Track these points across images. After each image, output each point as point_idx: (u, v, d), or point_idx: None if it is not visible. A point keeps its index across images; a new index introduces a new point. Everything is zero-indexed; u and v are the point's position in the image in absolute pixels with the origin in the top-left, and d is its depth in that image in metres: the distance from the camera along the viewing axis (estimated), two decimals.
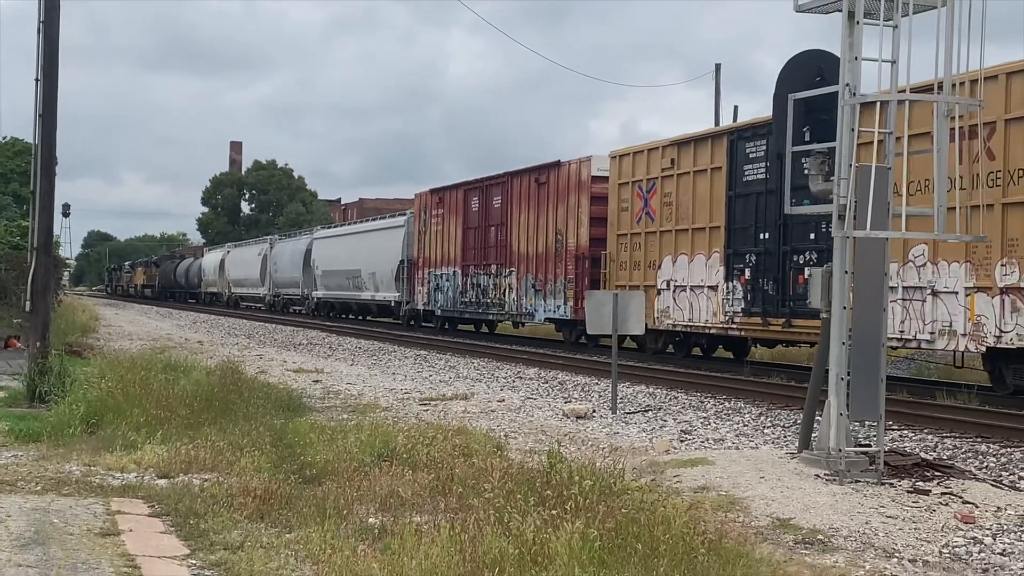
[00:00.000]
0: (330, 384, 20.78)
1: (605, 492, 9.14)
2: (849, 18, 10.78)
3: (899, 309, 18.14)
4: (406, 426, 13.30)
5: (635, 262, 27.00)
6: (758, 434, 14.84)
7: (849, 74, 10.79)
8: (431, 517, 8.57)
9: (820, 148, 11.52)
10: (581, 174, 30.12)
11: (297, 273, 58.40)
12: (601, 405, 17.93)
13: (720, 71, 45.10)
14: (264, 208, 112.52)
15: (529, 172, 33.18)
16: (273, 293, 63.66)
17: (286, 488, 9.54)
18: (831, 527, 8.99)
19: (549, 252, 31.39)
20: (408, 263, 42.45)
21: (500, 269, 34.53)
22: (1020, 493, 10.53)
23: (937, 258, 17.63)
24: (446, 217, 38.81)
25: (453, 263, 38.02)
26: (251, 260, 68.49)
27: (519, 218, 33.35)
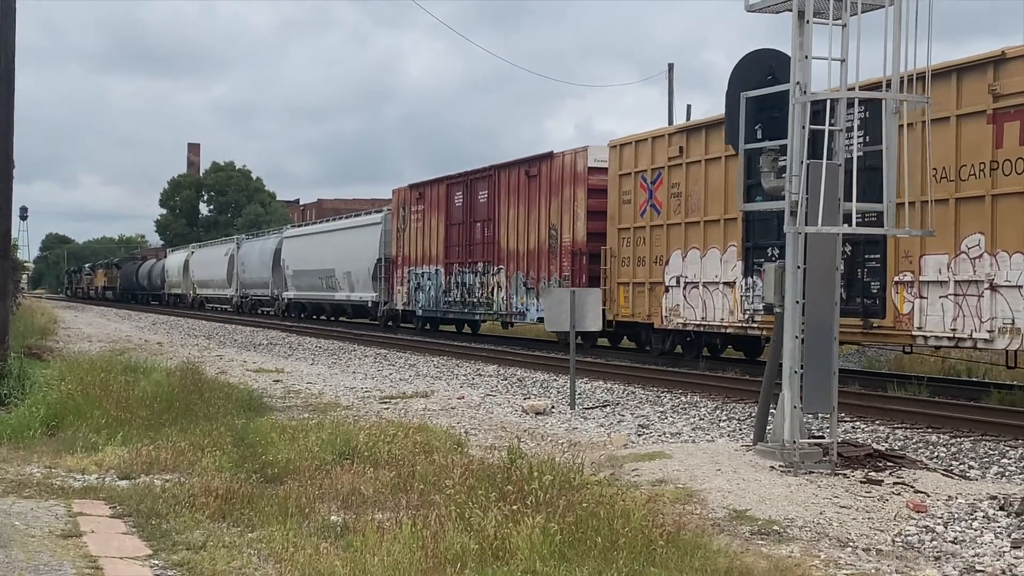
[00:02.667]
0: (291, 384, 20.80)
1: (565, 487, 9.26)
2: (799, 18, 10.95)
3: (950, 305, 16.78)
4: (367, 424, 13.37)
5: (639, 258, 25.24)
6: (714, 427, 15.04)
7: (799, 73, 10.96)
8: (393, 514, 8.65)
9: (772, 145, 11.69)
10: (577, 165, 28.46)
11: (266, 273, 57.09)
12: (560, 401, 18.07)
13: (673, 70, 45.33)
14: (223, 209, 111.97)
15: (519, 164, 31.56)
16: (240, 294, 62.41)
17: (248, 487, 9.59)
18: (786, 518, 9.15)
19: (542, 248, 29.80)
20: (386, 261, 40.99)
21: (488, 267, 32.97)
22: (970, 482, 10.75)
23: (996, 249, 16.10)
24: (427, 213, 37.31)
25: (435, 261, 36.56)
26: (217, 260, 67.21)
27: (508, 213, 31.76)
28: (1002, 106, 15.85)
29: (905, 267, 17.46)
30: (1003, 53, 15.83)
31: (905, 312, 17.45)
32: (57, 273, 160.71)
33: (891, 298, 17.73)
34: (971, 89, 16.33)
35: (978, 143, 16.19)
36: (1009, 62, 15.83)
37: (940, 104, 16.28)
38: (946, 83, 16.54)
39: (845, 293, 18.25)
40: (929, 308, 17.04)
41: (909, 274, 17.36)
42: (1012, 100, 15.72)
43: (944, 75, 16.51)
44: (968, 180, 16.42)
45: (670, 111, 44.46)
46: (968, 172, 16.43)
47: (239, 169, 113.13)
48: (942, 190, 16.47)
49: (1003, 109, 15.84)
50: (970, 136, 16.36)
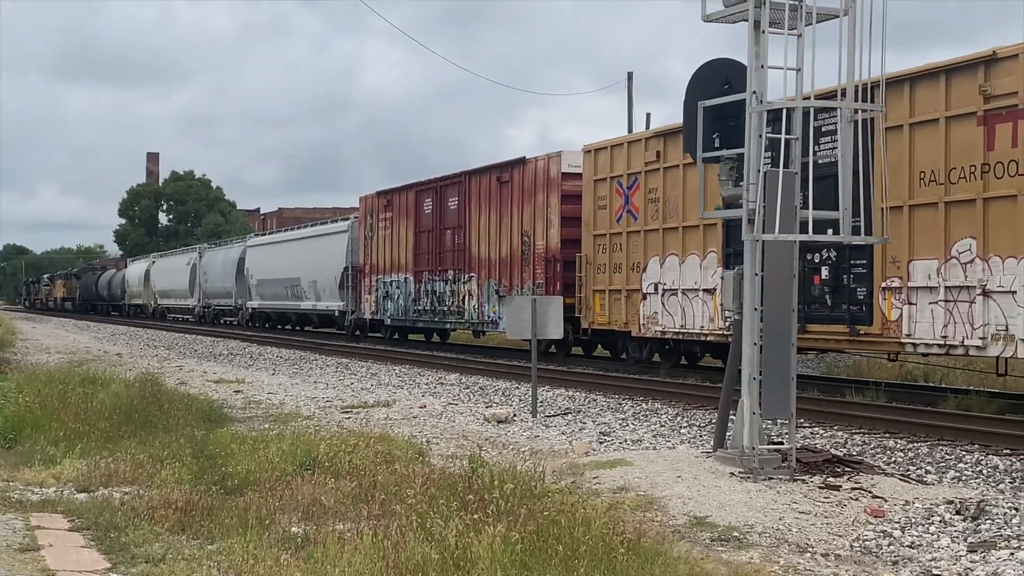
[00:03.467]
0: (251, 394, 20.72)
1: (526, 495, 9.29)
2: (755, 27, 11.05)
3: (941, 312, 16.30)
4: (328, 434, 13.33)
5: (615, 264, 24.64)
6: (675, 434, 15.11)
7: (756, 82, 11.06)
8: (354, 524, 8.65)
9: (729, 154, 11.79)
10: (550, 171, 27.93)
11: (229, 283, 56.28)
12: (522, 409, 18.10)
13: (632, 79, 45.51)
14: (182, 219, 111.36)
15: (490, 170, 30.99)
16: (203, 304, 61.57)
17: (207, 499, 9.55)
18: (746, 524, 9.22)
19: (514, 255, 29.23)
20: (353, 270, 40.34)
21: (458, 275, 32.37)
22: (927, 487, 10.87)
23: (988, 253, 15.63)
24: (395, 220, 36.73)
25: (404, 269, 35.99)
26: (179, 270, 66.38)
27: (479, 220, 31.14)
28: (993, 107, 15.54)
29: (892, 273, 17.10)
30: (994, 53, 15.49)
31: (893, 319, 17.09)
32: (15, 284, 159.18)
33: (878, 304, 17.39)
34: (960, 90, 16.03)
35: (968, 145, 15.90)
36: (1000, 62, 15.49)
37: (928, 106, 16.44)
38: (934, 84, 16.37)
39: (830, 300, 18.39)
40: (918, 315, 16.67)
41: (897, 280, 17.01)
42: (1004, 101, 15.41)
43: (932, 76, 16.41)
44: (958, 183, 16.11)
45: (629, 119, 44.66)
46: (958, 175, 16.11)
47: (199, 178, 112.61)
48: (930, 193, 16.38)
49: (994, 110, 15.53)
50: (960, 138, 16.05)
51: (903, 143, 16.68)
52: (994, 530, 9.10)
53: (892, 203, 16.61)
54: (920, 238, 16.60)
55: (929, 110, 16.41)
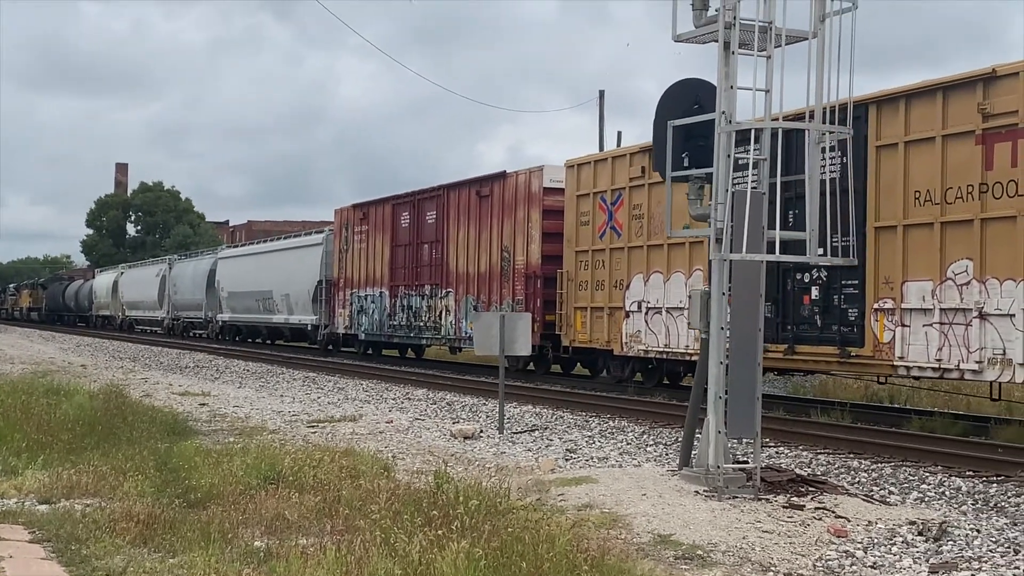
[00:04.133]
0: (217, 407, 20.61)
1: (491, 511, 9.29)
2: (724, 48, 11.12)
3: (935, 334, 15.95)
4: (293, 448, 13.29)
5: (598, 281, 24.15)
6: (641, 452, 15.13)
7: (725, 102, 11.12)
8: (317, 539, 8.61)
9: (698, 174, 11.84)
10: (531, 186, 27.47)
11: (200, 295, 55.55)
12: (488, 425, 18.08)
13: (604, 97, 45.68)
14: (151, 230, 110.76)
15: (469, 184, 30.55)
16: (172, 316, 60.86)
17: (170, 512, 9.50)
18: (710, 542, 9.23)
19: (494, 271, 28.68)
20: (327, 284, 39.73)
21: (435, 290, 31.78)
22: (890, 507, 10.92)
23: (985, 275, 15.33)
24: (371, 234, 36.18)
25: (380, 283, 35.44)
26: (148, 281, 65.60)
27: (458, 234, 30.64)
28: (992, 126, 15.28)
29: (885, 293, 16.81)
30: (993, 71, 15.27)
31: (885, 341, 16.76)
32: None
33: (870, 326, 17.06)
34: (958, 108, 15.78)
35: (966, 164, 15.65)
36: (999, 80, 15.25)
37: (924, 124, 16.24)
38: (930, 102, 16.16)
39: (820, 320, 18.01)
40: (912, 337, 16.34)
41: (890, 301, 16.70)
42: (1003, 120, 15.16)
43: (928, 93, 16.22)
44: (955, 203, 15.80)
45: (601, 137, 44.80)
46: (955, 195, 15.81)
47: (168, 189, 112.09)
48: (926, 213, 16.19)
49: (993, 129, 15.27)
50: (957, 157, 15.79)
51: (898, 161, 16.61)
52: (956, 551, 9.15)
53: (886, 222, 16.84)
54: (915, 258, 16.39)
55: (925, 128, 16.23)
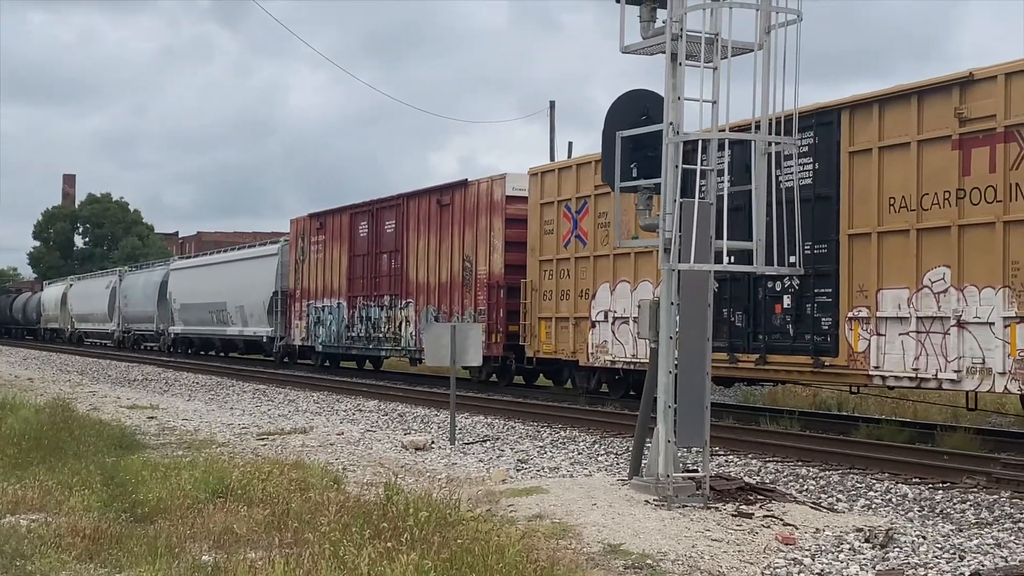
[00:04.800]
0: (166, 420, 20.44)
1: (441, 523, 9.28)
2: (672, 60, 11.19)
3: (912, 343, 15.70)
4: (242, 461, 13.21)
5: (563, 291, 23.70)
6: (592, 462, 15.16)
7: (672, 113, 11.19)
8: (266, 553, 8.55)
9: (647, 184, 11.91)
10: (493, 194, 26.97)
11: (151, 307, 54.76)
12: (440, 436, 18.06)
13: (555, 108, 45.83)
14: (99, 242, 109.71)
15: (430, 193, 30.09)
16: (123, 329, 59.91)
17: (117, 527, 9.41)
18: (659, 551, 9.26)
19: (455, 281, 28.25)
20: (283, 295, 39.23)
21: (395, 300, 31.27)
22: (838, 515, 11.01)
23: (963, 283, 15.07)
24: (328, 244, 35.71)
25: (337, 294, 34.94)
26: (98, 293, 64.64)
27: (418, 244, 30.19)
28: (969, 131, 15.05)
29: (860, 302, 16.56)
30: (971, 74, 15.04)
31: (860, 350, 16.53)
32: None
33: (844, 335, 16.82)
34: (934, 113, 15.54)
35: (942, 170, 15.41)
36: (977, 84, 15.01)
37: (899, 129, 16.03)
38: (905, 107, 15.97)
39: (793, 330, 17.77)
40: (887, 346, 16.12)
41: (865, 309, 16.46)
42: (981, 124, 14.91)
43: (903, 98, 16.01)
44: (931, 209, 15.57)
45: (551, 147, 44.93)
46: (931, 201, 15.56)
47: (116, 201, 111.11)
48: (901, 220, 15.98)
49: (970, 134, 15.04)
50: (933, 163, 15.56)
51: (872, 168, 16.46)
52: (902, 558, 9.24)
53: (860, 230, 16.67)
54: (890, 266, 16.18)
55: (900, 133, 16.04)
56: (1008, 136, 14.62)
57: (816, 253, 17.31)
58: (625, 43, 11.78)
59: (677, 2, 11.10)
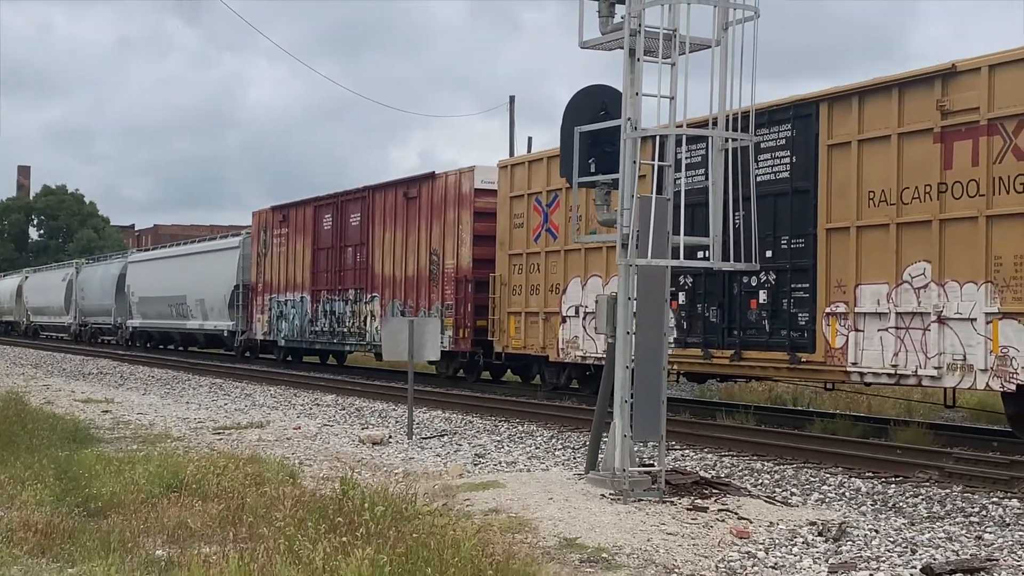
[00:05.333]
0: (120, 414, 20.28)
1: (397, 517, 9.28)
2: (630, 55, 11.22)
3: (891, 339, 15.51)
4: (197, 456, 13.15)
5: (533, 285, 23.28)
6: (549, 456, 15.19)
7: (631, 109, 11.22)
8: (220, 548, 8.51)
9: (605, 179, 11.93)
10: (462, 187, 26.51)
11: (109, 300, 53.76)
12: (397, 431, 18.03)
13: (514, 103, 45.87)
14: (54, 234, 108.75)
15: (396, 185, 29.56)
16: (79, 322, 58.93)
17: (69, 522, 9.33)
18: (615, 545, 9.30)
19: (422, 275, 27.80)
20: (245, 288, 38.61)
21: (360, 294, 30.83)
22: (792, 508, 11.09)
23: (944, 278, 14.88)
24: (292, 237, 35.27)
25: (301, 288, 34.44)
26: (54, 286, 63.48)
27: (384, 237, 29.70)
28: (952, 124, 14.84)
29: (838, 297, 16.37)
30: (953, 66, 14.82)
31: (837, 346, 16.35)
32: None
33: (821, 331, 16.62)
34: (915, 106, 15.33)
35: (923, 163, 15.20)
36: (960, 76, 14.81)
37: (879, 122, 15.82)
38: (885, 99, 15.75)
39: (769, 325, 17.51)
40: (866, 342, 15.94)
41: (842, 305, 16.26)
42: (963, 117, 14.70)
43: (883, 90, 15.79)
44: (911, 203, 15.37)
45: (511, 142, 45.00)
46: (911, 195, 15.36)
47: (71, 193, 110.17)
48: (881, 214, 15.79)
49: (953, 127, 14.83)
50: (914, 156, 15.34)
51: (851, 161, 16.27)
52: (855, 551, 9.32)
53: (838, 223, 16.52)
54: (869, 261, 16.01)
55: (880, 126, 15.84)
56: (991, 129, 14.44)
57: (793, 248, 17.23)
58: (584, 38, 11.81)
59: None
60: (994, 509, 11.43)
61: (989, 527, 10.55)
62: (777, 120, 17.56)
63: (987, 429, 17.77)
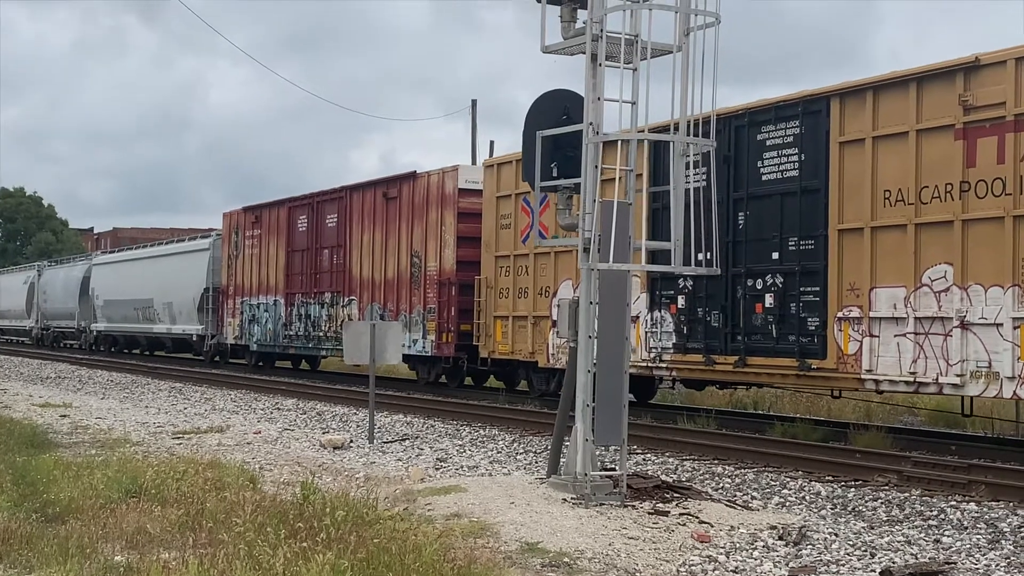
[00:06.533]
0: (79, 419, 20.10)
1: (358, 522, 9.23)
2: (592, 60, 11.24)
3: (909, 345, 14.81)
4: (157, 460, 13.04)
5: (521, 289, 22.48)
6: (511, 460, 15.19)
7: (592, 113, 11.25)
8: (179, 553, 8.45)
9: (566, 184, 11.95)
10: (445, 187, 25.72)
11: (72, 303, 52.66)
12: (359, 435, 17.98)
13: (476, 106, 45.87)
14: (11, 237, 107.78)
15: (375, 185, 28.78)
16: (41, 326, 57.76)
17: (27, 527, 9.22)
18: (576, 549, 9.30)
19: (402, 278, 27.02)
20: (215, 291, 37.68)
21: (337, 297, 30.00)
22: (752, 512, 11.15)
23: (967, 281, 14.19)
24: (264, 238, 34.38)
25: (274, 291, 33.57)
26: (15, 289, 62.21)
27: (362, 238, 28.91)
28: (974, 119, 14.20)
29: (851, 301, 15.66)
30: (976, 59, 14.20)
31: (851, 352, 15.62)
32: None
33: (833, 336, 15.90)
34: (935, 101, 14.69)
35: (944, 161, 14.56)
36: (983, 69, 14.18)
37: (896, 118, 15.20)
38: (903, 94, 15.11)
39: (776, 330, 16.82)
40: (882, 348, 15.23)
41: (856, 309, 15.56)
42: (988, 113, 14.07)
43: (900, 85, 15.16)
44: (931, 203, 14.66)
45: (473, 145, 44.99)
46: (931, 194, 14.67)
47: (30, 195, 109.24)
48: (898, 214, 15.12)
49: (976, 123, 14.19)
50: (934, 153, 14.69)
51: (865, 159, 15.60)
52: (815, 555, 9.38)
53: (851, 224, 15.68)
54: (885, 263, 15.30)
55: (897, 122, 15.17)
56: (1019, 124, 13.83)
57: (802, 249, 16.63)
58: (546, 43, 11.82)
59: (597, 3, 11.16)
60: (952, 512, 11.53)
61: (947, 530, 10.64)
62: (784, 116, 16.98)
63: (945, 433, 17.93)
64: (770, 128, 16.87)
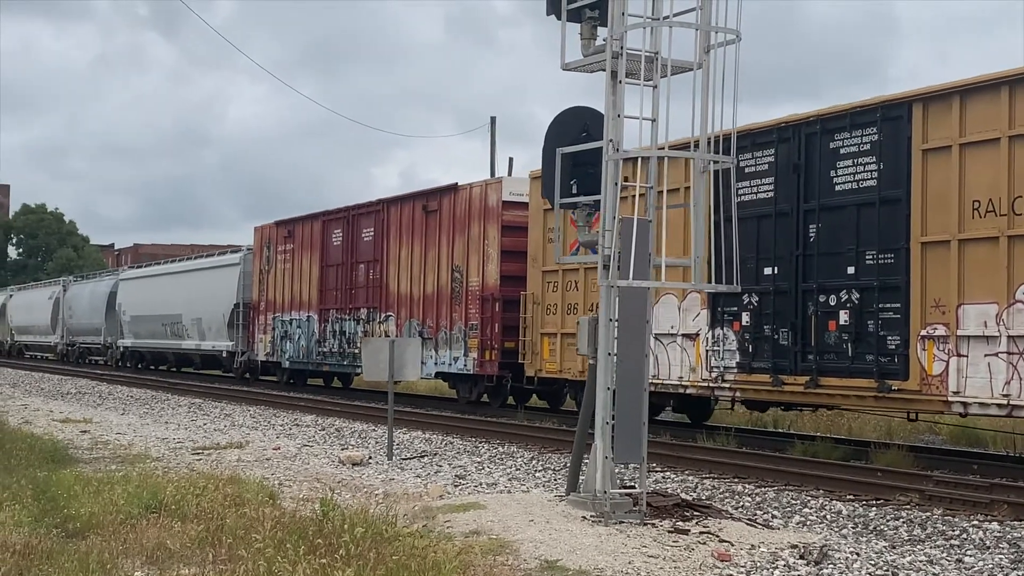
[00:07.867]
0: (99, 434, 20.17)
1: (377, 539, 9.23)
2: (612, 77, 11.24)
3: (1002, 366, 13.99)
4: (176, 476, 13.08)
5: (570, 304, 21.75)
6: (530, 477, 15.16)
7: (612, 130, 11.24)
8: (199, 569, 8.46)
9: (586, 201, 11.96)
10: (488, 199, 24.97)
11: (98, 319, 52.21)
12: (377, 451, 17.98)
13: (495, 123, 45.97)
14: (33, 253, 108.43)
15: (414, 198, 28.02)
16: (67, 342, 57.34)
17: (48, 543, 9.27)
18: (596, 568, 9.27)
19: (442, 293, 26.28)
20: (245, 307, 37.11)
21: (373, 313, 29.23)
22: (773, 531, 11.09)
23: None
24: (297, 253, 33.68)
25: (307, 307, 32.97)
26: (40, 304, 62.02)
27: (400, 253, 28.14)
28: None
29: (936, 318, 14.84)
30: None
31: (935, 373, 14.81)
32: None
33: (916, 356, 15.10)
34: None
35: None
36: None
37: (986, 123, 14.46)
38: (994, 98, 14.34)
39: (851, 349, 16.11)
40: (970, 368, 14.40)
41: (941, 327, 14.76)
42: None
43: (990, 88, 14.41)
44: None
45: (492, 162, 45.02)
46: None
47: (51, 212, 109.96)
48: (989, 226, 14.33)
49: None
50: None
51: (951, 167, 14.84)
52: (836, 575, 9.32)
53: (937, 237, 14.95)
54: (973, 278, 14.50)
55: (987, 128, 14.43)
56: None
57: (881, 263, 15.84)
58: (566, 60, 11.85)
59: (617, 21, 11.16)
60: (974, 532, 11.46)
61: (969, 550, 10.57)
62: (860, 123, 16.21)
63: (967, 452, 17.82)
64: (844, 135, 16.21)
